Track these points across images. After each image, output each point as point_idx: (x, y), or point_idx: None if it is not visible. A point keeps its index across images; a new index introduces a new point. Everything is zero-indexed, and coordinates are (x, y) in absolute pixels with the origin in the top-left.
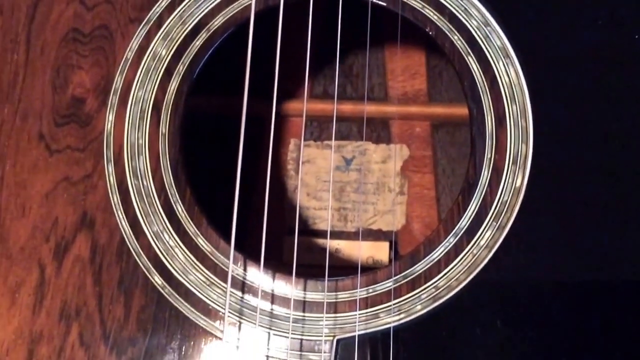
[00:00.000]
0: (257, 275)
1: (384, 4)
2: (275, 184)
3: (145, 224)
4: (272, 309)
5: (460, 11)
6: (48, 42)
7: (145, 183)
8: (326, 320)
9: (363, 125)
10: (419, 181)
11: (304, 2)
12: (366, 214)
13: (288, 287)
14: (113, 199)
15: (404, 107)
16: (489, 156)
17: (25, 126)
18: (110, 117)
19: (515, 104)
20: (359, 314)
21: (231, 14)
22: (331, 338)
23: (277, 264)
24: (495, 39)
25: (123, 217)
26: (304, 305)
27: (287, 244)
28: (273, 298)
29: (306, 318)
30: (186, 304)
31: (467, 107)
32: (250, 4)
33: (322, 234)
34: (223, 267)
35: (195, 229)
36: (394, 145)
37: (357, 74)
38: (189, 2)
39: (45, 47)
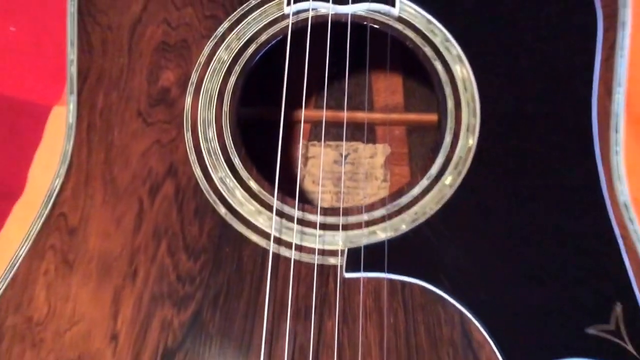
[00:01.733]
0: (291, 207)
1: (377, 26)
2: (290, 174)
3: (213, 172)
4: (302, 230)
5: (428, 31)
6: (144, 51)
7: (212, 145)
8: (340, 236)
9: (356, 129)
10: (399, 172)
11: (317, 29)
12: (357, 197)
13: (314, 215)
14: (190, 156)
15: (386, 115)
16: (450, 126)
17: (128, 106)
18: (188, 101)
19: (467, 92)
20: (363, 232)
21: (272, 32)
22: (344, 248)
23: None
24: (453, 49)
25: (197, 168)
26: (325, 226)
27: None
28: (303, 222)
29: (327, 235)
30: (242, 225)
31: (433, 109)
32: (286, 26)
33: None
34: (268, 201)
35: (248, 174)
36: (379, 145)
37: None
38: (243, 25)
39: (142, 54)
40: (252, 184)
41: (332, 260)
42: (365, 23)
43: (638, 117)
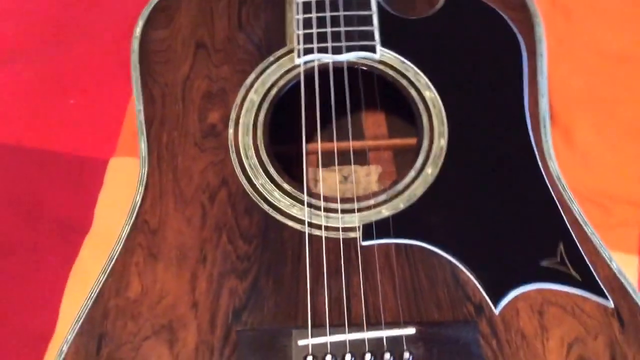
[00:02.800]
0: (318, 200)
1: (366, 68)
2: None
3: (255, 180)
4: (327, 215)
5: (402, 69)
6: (194, 99)
7: (252, 161)
8: (356, 216)
9: (353, 155)
10: None
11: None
12: None
13: (335, 203)
14: (237, 170)
15: (376, 142)
16: (426, 133)
17: (186, 140)
18: (230, 131)
19: (435, 108)
20: (372, 212)
21: (288, 78)
22: (359, 224)
23: None
24: (422, 80)
25: (243, 178)
26: (343, 210)
27: None
28: (327, 209)
29: (345, 216)
30: (281, 216)
31: (410, 135)
32: (298, 73)
33: None
34: (299, 197)
35: (282, 179)
36: (372, 166)
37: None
38: (265, 75)
39: (192, 101)
40: (286, 186)
41: (351, 234)
42: (356, 66)
43: (565, 128)
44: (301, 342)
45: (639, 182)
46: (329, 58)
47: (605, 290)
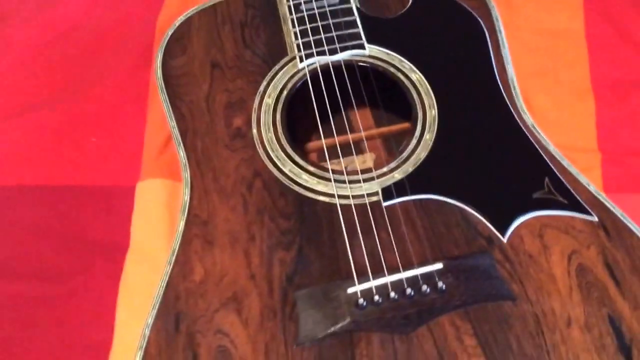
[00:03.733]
0: (341, 175)
1: (362, 63)
2: None
3: (283, 167)
4: (351, 187)
5: (389, 59)
6: (217, 110)
7: (278, 153)
8: (376, 183)
9: (349, 147)
10: None
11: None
12: None
13: (356, 175)
14: (265, 162)
15: (367, 133)
16: (419, 107)
17: (218, 144)
18: (254, 131)
19: (422, 86)
20: (387, 177)
21: (294, 81)
22: (379, 189)
23: None
24: (407, 65)
25: (272, 167)
26: (364, 180)
27: None
28: (350, 181)
29: (366, 184)
30: (312, 193)
31: (394, 123)
32: (303, 75)
33: None
34: (324, 175)
35: (306, 163)
36: (367, 154)
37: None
38: (275, 81)
39: (217, 112)
40: (311, 168)
41: (374, 198)
42: (352, 62)
43: (524, 98)
44: (350, 290)
45: (591, 132)
46: (328, 59)
47: (589, 209)
